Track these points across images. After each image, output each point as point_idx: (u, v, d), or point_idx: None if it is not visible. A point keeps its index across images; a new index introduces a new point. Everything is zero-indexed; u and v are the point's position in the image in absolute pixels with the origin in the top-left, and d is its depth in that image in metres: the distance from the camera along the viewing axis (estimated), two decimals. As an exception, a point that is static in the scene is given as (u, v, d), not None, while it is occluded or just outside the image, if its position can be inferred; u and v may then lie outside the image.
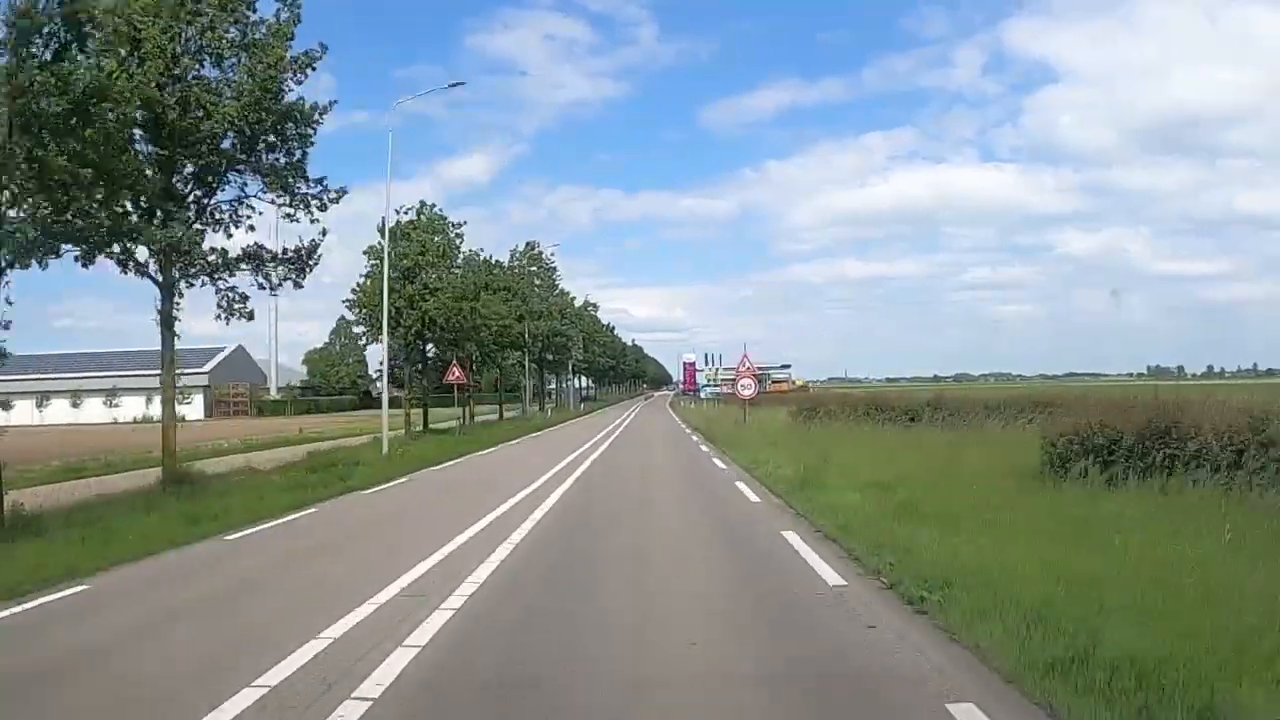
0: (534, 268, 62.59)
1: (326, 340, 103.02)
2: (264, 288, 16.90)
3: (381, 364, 28.68)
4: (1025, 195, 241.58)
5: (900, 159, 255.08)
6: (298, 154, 16.13)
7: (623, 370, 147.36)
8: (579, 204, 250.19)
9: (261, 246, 16.67)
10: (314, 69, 16.02)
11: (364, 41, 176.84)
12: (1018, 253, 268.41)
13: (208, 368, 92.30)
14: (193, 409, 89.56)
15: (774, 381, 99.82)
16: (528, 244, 62.62)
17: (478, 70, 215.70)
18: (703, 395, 55.41)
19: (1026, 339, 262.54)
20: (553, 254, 63.72)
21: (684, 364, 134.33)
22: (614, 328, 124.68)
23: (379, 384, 41.89)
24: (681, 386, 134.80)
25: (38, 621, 7.28)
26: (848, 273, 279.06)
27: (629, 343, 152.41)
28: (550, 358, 62.61)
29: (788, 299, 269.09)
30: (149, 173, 14.62)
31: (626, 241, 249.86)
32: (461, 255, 33.67)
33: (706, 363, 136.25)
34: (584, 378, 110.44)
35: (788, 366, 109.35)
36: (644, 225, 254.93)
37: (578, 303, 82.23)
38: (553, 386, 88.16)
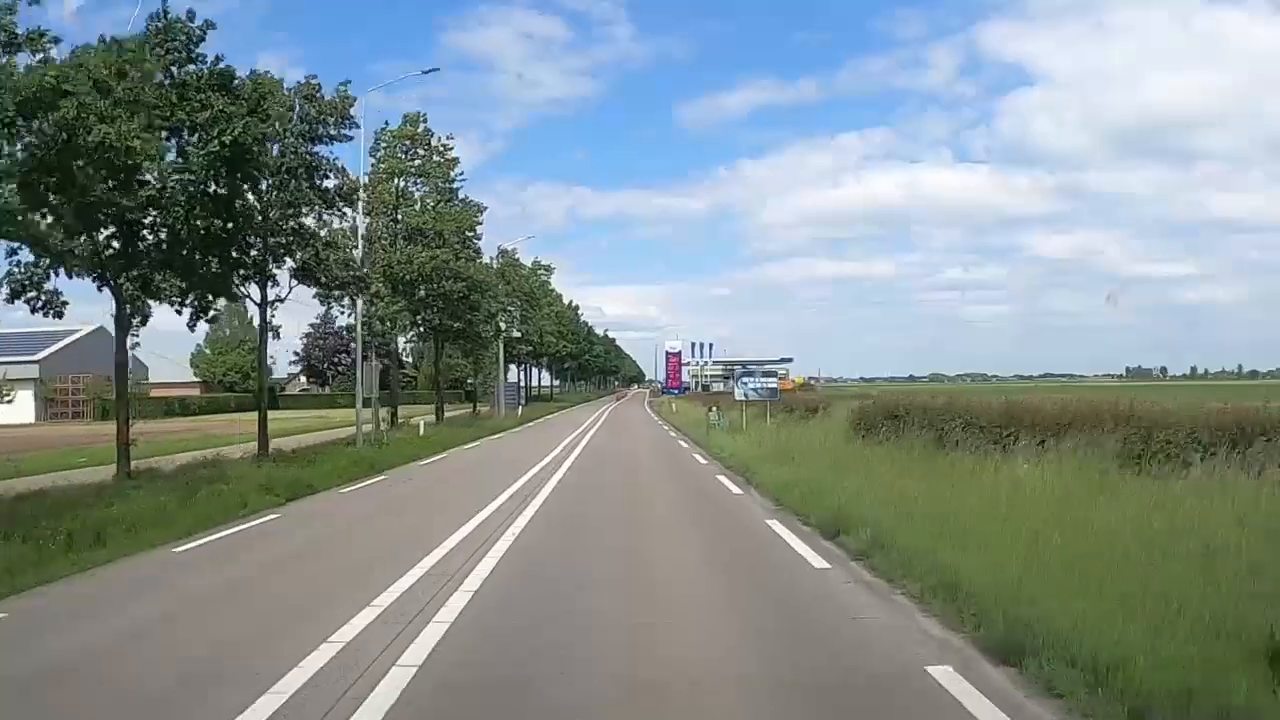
0: (418, 161, 34.12)
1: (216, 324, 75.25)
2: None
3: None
4: (999, 196, 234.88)
5: (874, 159, 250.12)
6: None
7: (590, 363, 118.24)
8: (552, 201, 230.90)
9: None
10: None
11: (339, 38, 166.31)
12: (991, 253, 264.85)
13: (39, 356, 64.44)
14: (15, 409, 61.42)
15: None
16: (414, 124, 34.07)
17: (452, 67, 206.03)
18: (738, 395, 26.70)
19: (1001, 340, 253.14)
20: (451, 140, 35.14)
21: (666, 354, 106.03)
22: (579, 307, 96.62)
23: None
24: (663, 382, 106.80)
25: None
26: (821, 272, 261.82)
27: (601, 333, 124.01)
28: (444, 323, 33.83)
29: (761, 297, 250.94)
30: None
31: (599, 239, 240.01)
32: None
33: (694, 353, 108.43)
34: (536, 369, 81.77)
35: (789, 360, 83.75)
36: (617, 223, 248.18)
37: (519, 256, 53.87)
38: (518, 380, 59.37)
